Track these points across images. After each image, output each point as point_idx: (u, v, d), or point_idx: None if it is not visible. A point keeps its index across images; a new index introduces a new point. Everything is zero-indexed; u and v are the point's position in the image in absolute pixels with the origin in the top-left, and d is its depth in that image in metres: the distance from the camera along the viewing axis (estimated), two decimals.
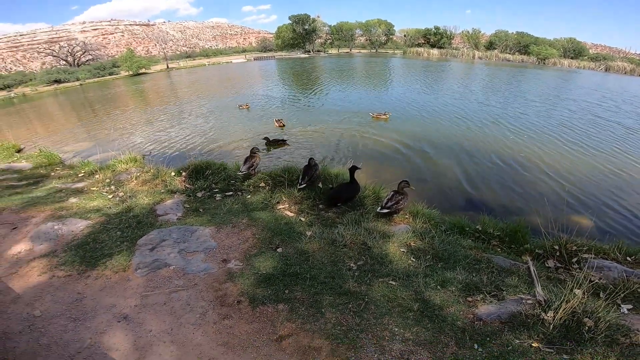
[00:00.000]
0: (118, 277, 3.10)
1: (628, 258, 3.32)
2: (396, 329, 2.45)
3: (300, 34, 62.87)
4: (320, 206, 4.78)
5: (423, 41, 65.18)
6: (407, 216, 4.49)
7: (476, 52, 55.65)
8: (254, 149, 5.89)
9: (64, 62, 46.39)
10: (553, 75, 33.21)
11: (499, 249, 3.73)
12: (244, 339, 2.43)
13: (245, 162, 5.70)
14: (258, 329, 2.52)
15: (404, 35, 68.73)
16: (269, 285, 2.96)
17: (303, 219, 4.35)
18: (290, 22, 62.80)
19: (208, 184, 5.46)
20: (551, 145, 9.87)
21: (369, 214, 4.44)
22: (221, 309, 2.72)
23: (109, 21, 64.76)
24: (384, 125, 12.07)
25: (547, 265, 3.33)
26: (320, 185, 5.23)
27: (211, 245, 3.65)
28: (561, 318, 2.27)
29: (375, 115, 12.79)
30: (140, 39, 65.85)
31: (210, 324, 2.57)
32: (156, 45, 63.63)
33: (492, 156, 8.80)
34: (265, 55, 60.64)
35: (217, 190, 5.32)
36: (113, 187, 5.44)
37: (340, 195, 4.77)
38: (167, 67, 45.80)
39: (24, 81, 36.74)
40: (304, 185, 5.03)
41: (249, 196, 5.03)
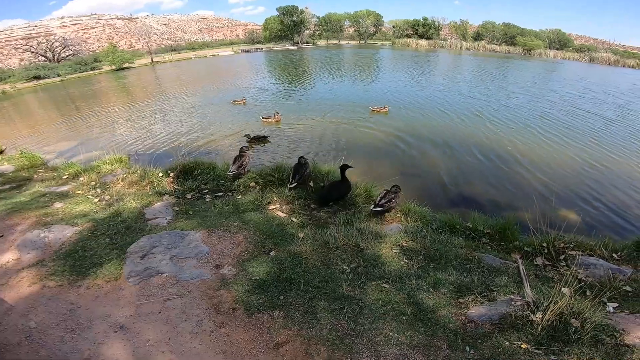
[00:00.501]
0: (110, 286, 3.05)
1: (614, 255, 3.42)
2: (391, 334, 2.48)
3: (288, 25, 61.94)
4: (312, 206, 4.78)
5: (412, 32, 65.01)
6: (398, 214, 4.52)
7: (464, 43, 55.99)
8: (243, 148, 5.83)
9: (43, 57, 44.85)
10: (539, 67, 33.66)
11: (489, 247, 3.80)
12: (242, 347, 2.43)
13: (234, 162, 5.63)
14: (255, 336, 2.52)
15: (393, 26, 68.37)
16: (263, 291, 2.95)
17: (295, 219, 4.34)
18: (278, 13, 61.80)
19: (197, 185, 5.38)
20: (541, 139, 10.05)
21: (360, 214, 4.46)
22: (217, 317, 2.70)
23: (89, 16, 62.45)
24: (379, 119, 12.13)
25: (535, 263, 3.41)
26: (312, 184, 5.22)
27: (203, 251, 3.61)
28: (549, 319, 2.33)
29: (375, 109, 12.88)
30: (123, 33, 63.90)
31: (207, 332, 2.56)
32: (139, 39, 61.83)
33: (484, 151, 8.92)
34: (253, 47, 59.61)
35: (206, 191, 5.25)
36: (99, 190, 5.30)
37: (331, 194, 4.78)
38: (152, 61, 44.60)
39: (2, 78, 35.24)
40: (295, 185, 5.01)
41: (240, 197, 4.98)
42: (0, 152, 9.81)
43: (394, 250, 3.54)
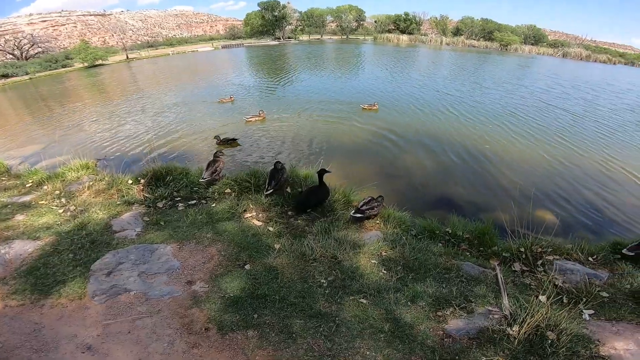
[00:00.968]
0: (75, 305, 2.90)
1: (590, 258, 3.45)
2: (368, 352, 2.40)
3: (270, 20, 61.10)
4: (290, 213, 4.63)
5: (393, 27, 65.46)
6: (378, 221, 4.44)
7: (444, 38, 56.79)
8: (217, 152, 5.60)
9: (11, 55, 42.57)
10: (515, 62, 34.46)
11: (468, 254, 3.77)
12: None
13: (207, 168, 5.40)
14: (229, 357, 2.42)
15: (375, 21, 68.60)
16: (237, 309, 2.82)
17: (271, 228, 4.19)
18: (260, 8, 60.83)
19: (169, 192, 5.11)
20: (515, 138, 10.23)
21: (339, 221, 4.35)
22: (189, 337, 2.58)
23: (59, 12, 59.44)
24: (370, 115, 12.21)
25: (513, 269, 3.40)
26: (289, 189, 5.07)
27: (174, 266, 3.43)
28: (526, 332, 2.30)
29: (366, 107, 12.99)
30: (96, 30, 61.24)
31: (179, 353, 2.45)
32: (114, 35, 59.33)
33: (459, 150, 8.99)
34: (234, 42, 58.44)
35: (179, 198, 5.01)
36: (63, 200, 4.99)
37: (309, 200, 4.64)
38: (127, 57, 43.02)
39: None
40: (271, 191, 4.83)
41: (214, 205, 4.78)
42: None
43: (372, 261, 3.46)
